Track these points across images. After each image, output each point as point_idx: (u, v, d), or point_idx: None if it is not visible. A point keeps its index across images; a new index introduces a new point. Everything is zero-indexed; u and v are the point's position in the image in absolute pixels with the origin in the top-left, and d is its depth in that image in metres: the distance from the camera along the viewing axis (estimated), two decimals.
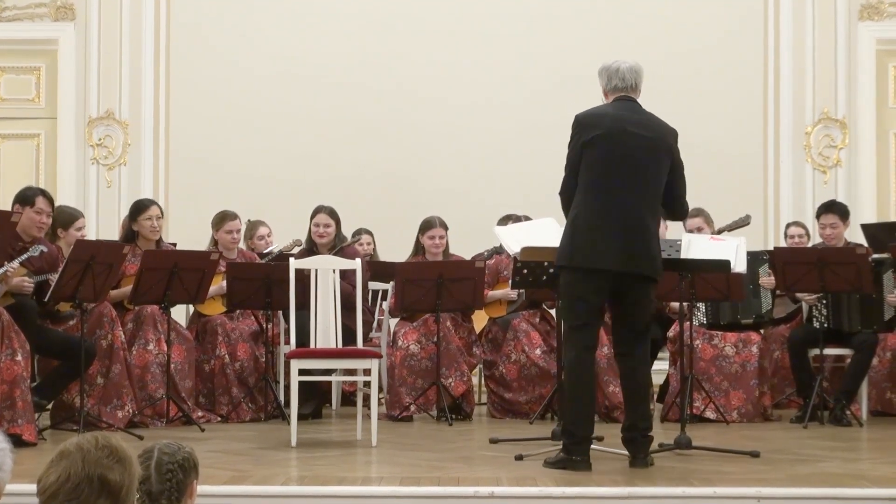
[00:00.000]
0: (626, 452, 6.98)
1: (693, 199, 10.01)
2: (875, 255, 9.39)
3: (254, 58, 12.20)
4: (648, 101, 11.90)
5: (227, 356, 9.26)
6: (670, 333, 9.35)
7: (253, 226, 10.57)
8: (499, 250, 9.76)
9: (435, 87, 12.08)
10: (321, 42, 12.17)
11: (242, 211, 9.97)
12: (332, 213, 9.62)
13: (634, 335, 6.69)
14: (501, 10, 12.20)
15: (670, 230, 9.85)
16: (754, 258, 9.14)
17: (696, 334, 9.18)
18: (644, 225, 6.56)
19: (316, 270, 8.04)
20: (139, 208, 9.12)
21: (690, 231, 9.33)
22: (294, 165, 12.01)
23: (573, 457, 6.51)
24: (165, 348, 8.77)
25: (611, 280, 6.56)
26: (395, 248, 10.16)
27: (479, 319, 9.79)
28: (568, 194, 6.68)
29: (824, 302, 9.28)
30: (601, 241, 6.50)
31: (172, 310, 8.89)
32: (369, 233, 10.53)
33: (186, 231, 10.57)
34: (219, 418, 9.14)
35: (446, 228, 9.66)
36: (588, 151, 6.59)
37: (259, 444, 7.75)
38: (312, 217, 9.66)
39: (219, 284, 9.23)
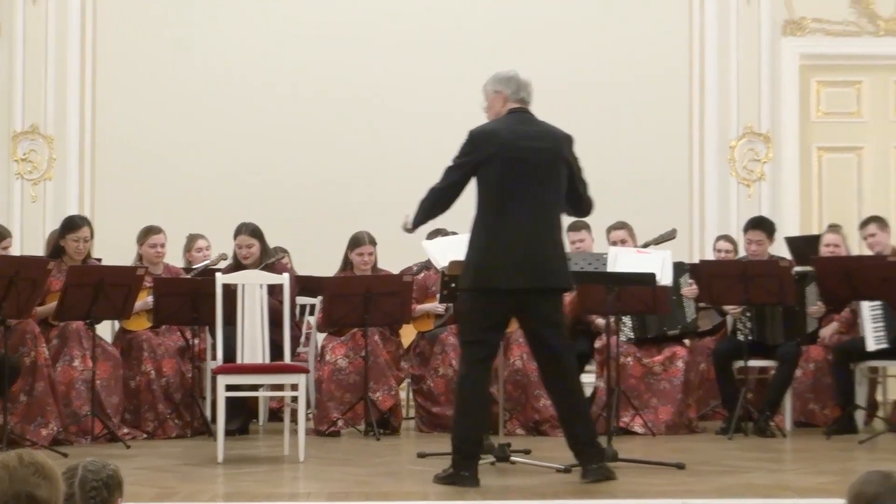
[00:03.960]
0: (553, 465, 7.04)
1: (619, 213, 10.16)
2: (798, 268, 9.51)
3: (182, 73, 12.12)
4: (574, 116, 12.01)
5: (152, 372, 9.19)
6: (597, 345, 9.41)
7: (192, 238, 10.55)
8: (428, 265, 9.78)
9: (364, 100, 12.04)
10: (248, 59, 12.11)
11: (169, 226, 9.90)
12: (254, 233, 9.52)
13: (552, 349, 6.64)
14: (438, 24, 12.17)
15: (596, 243, 9.93)
16: (675, 269, 9.20)
17: (626, 352, 9.25)
18: (546, 239, 6.57)
19: (243, 285, 8.02)
20: (70, 226, 9.03)
21: (614, 243, 9.42)
22: (222, 180, 11.94)
23: (461, 472, 6.46)
24: (91, 365, 8.69)
25: (513, 297, 6.55)
26: (324, 263, 10.11)
27: (407, 334, 9.79)
28: (435, 202, 6.72)
29: (748, 314, 9.38)
30: (502, 260, 6.49)
31: (98, 326, 8.81)
32: (285, 251, 10.50)
33: (112, 247, 10.47)
34: (144, 435, 9.08)
35: (375, 244, 9.67)
36: (484, 170, 6.56)
37: (185, 461, 7.71)
38: (234, 237, 9.58)
39: (144, 300, 9.17)
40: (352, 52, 12.11)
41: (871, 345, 9.22)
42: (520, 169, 6.54)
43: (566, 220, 9.53)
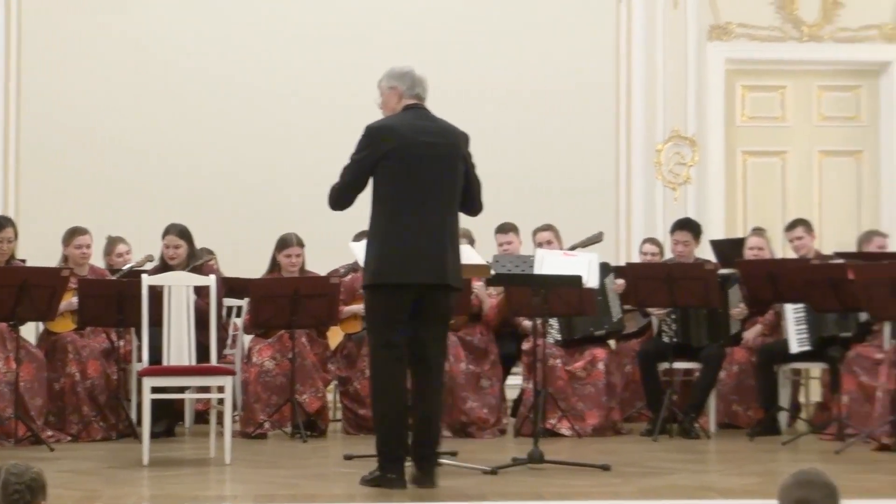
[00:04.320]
0: (480, 467, 7.05)
1: (546, 215, 10.21)
2: (721, 270, 9.60)
3: (107, 67, 12.01)
4: (501, 119, 12.08)
5: (77, 374, 9.12)
6: (525, 347, 9.45)
7: (112, 242, 10.42)
8: (355, 267, 9.76)
9: (291, 101, 12.00)
10: (175, 50, 12.01)
11: (96, 226, 9.83)
12: (182, 233, 9.46)
13: (433, 347, 6.62)
14: (363, 22, 12.14)
15: (523, 247, 9.98)
16: (600, 269, 9.24)
17: (554, 354, 9.29)
18: (446, 235, 6.55)
19: (169, 287, 7.97)
20: None
21: (540, 245, 9.49)
22: (147, 181, 11.85)
23: (388, 474, 6.45)
24: (14, 366, 8.61)
25: (412, 294, 6.51)
26: (252, 264, 10.07)
27: (335, 336, 9.78)
28: (336, 202, 6.69)
29: (673, 317, 9.46)
30: (407, 256, 6.45)
31: (21, 327, 8.73)
32: (211, 252, 10.46)
33: (37, 248, 10.36)
34: (69, 437, 9.00)
35: (303, 246, 9.65)
36: (383, 165, 6.52)
37: (110, 464, 7.65)
38: (163, 237, 9.51)
39: (68, 301, 9.09)
40: (283, 49, 12.08)
41: (794, 347, 9.32)
42: (418, 165, 6.51)
43: (495, 221, 9.66)
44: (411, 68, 6.78)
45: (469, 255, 7.44)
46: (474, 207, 6.83)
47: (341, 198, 6.69)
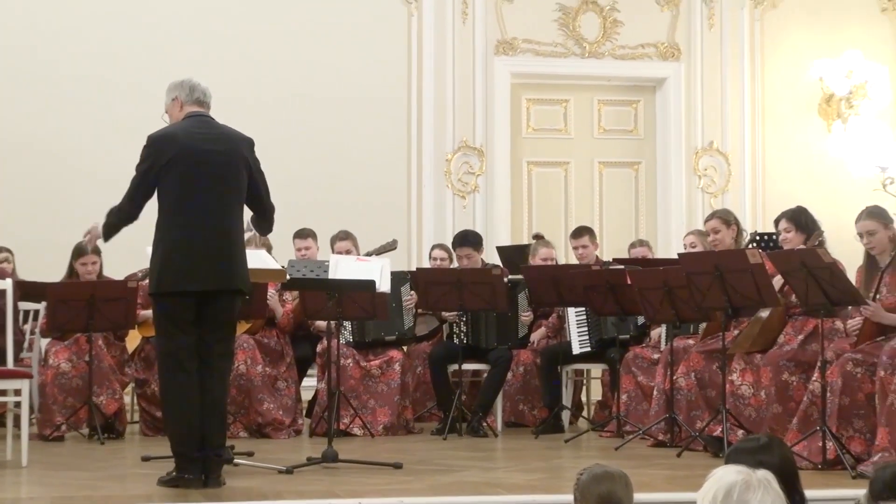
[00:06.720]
0: (276, 467, 7.16)
1: (340, 222, 10.34)
2: (510, 276, 9.92)
3: None
4: (295, 126, 12.12)
5: None
6: (319, 349, 9.61)
7: None
8: None
9: (90, 105, 11.88)
10: None
11: None
12: None
13: (219, 350, 6.72)
14: (155, 25, 12.07)
15: (321, 253, 10.12)
16: (396, 278, 9.43)
17: (346, 354, 9.47)
18: (230, 240, 6.65)
19: None
20: None
21: (339, 253, 9.62)
22: None
23: (185, 475, 6.53)
24: None
25: (198, 298, 6.61)
26: (49, 268, 10.01)
27: (132, 339, 9.78)
28: (125, 215, 6.73)
29: (464, 319, 9.74)
30: (190, 263, 6.55)
31: None
32: (9, 251, 10.36)
33: None
34: None
35: (99, 253, 9.63)
36: (164, 174, 6.60)
37: None
38: None
39: None
40: (89, 54, 11.97)
41: (577, 348, 9.69)
42: (199, 172, 6.60)
43: (290, 227, 9.76)
44: (189, 77, 6.90)
45: (264, 260, 7.55)
46: (264, 211, 6.94)
47: (128, 210, 6.73)
